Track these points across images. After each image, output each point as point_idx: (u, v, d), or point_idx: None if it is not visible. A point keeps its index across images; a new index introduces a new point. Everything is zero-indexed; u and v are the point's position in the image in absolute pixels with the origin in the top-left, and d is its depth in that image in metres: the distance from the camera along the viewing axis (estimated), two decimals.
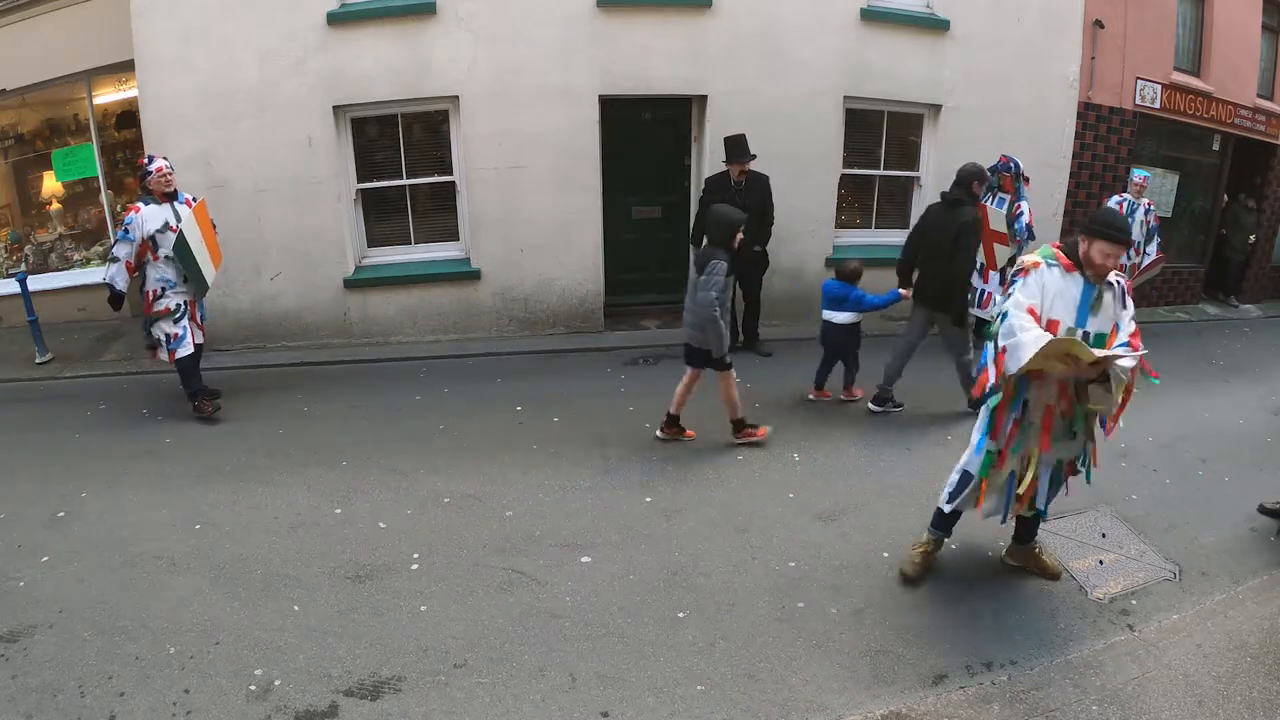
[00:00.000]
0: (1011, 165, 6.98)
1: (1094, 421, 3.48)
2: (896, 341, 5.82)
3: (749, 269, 6.67)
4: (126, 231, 5.30)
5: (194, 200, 5.53)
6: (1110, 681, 3.26)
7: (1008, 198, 6.99)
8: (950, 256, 5.35)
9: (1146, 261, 7.84)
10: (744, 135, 6.34)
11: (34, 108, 7.84)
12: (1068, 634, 3.56)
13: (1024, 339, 3.11)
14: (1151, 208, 7.87)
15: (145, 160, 5.43)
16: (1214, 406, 6.37)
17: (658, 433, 5.31)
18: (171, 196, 5.39)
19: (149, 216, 5.29)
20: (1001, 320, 3.25)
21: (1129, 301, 3.34)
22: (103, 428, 5.52)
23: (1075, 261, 3.27)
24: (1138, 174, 7.86)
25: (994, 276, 6.72)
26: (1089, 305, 3.26)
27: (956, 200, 5.50)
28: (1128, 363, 3.10)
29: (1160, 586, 3.94)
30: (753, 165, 6.41)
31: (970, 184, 5.54)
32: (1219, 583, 3.97)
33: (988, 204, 7.14)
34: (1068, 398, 3.42)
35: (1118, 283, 3.33)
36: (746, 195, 6.37)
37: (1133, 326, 3.28)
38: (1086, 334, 3.26)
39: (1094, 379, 3.22)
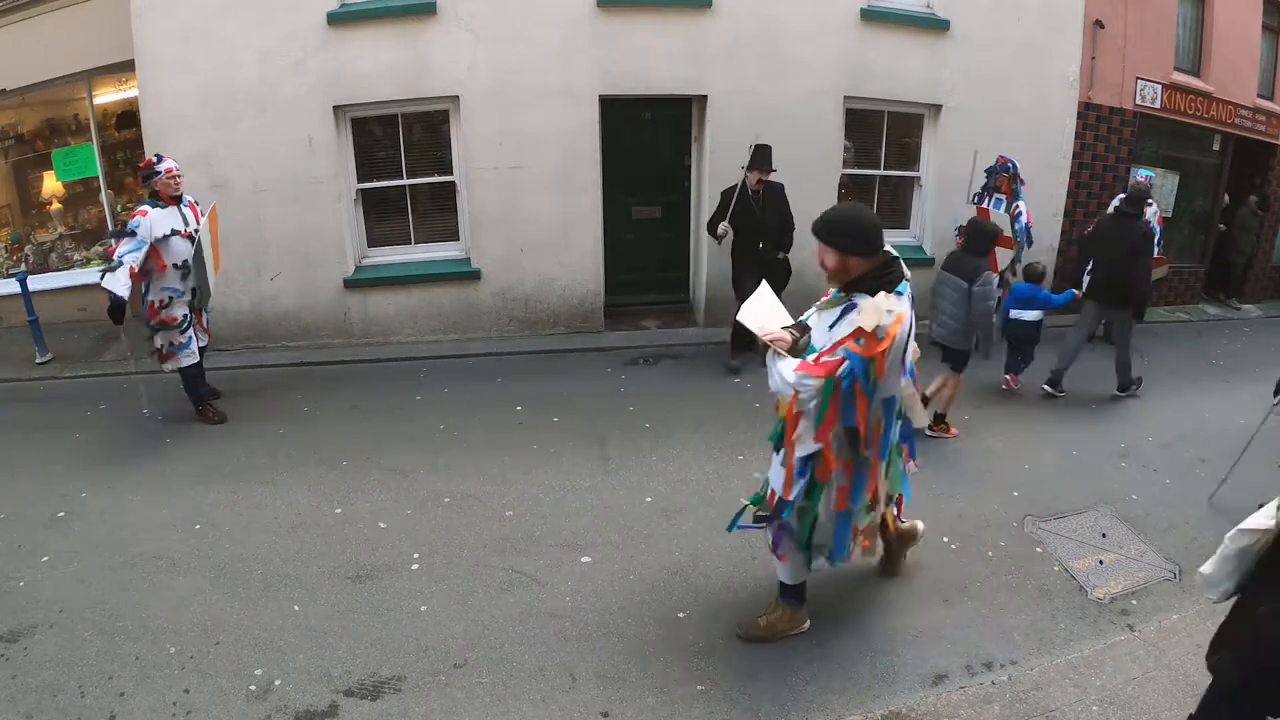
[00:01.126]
0: (1009, 166, 6.99)
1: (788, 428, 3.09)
2: (1070, 336, 6.49)
3: (772, 277, 6.60)
4: (134, 235, 4.98)
5: (199, 204, 5.37)
6: (1110, 681, 3.27)
7: (1004, 199, 7.00)
8: (1126, 262, 6.06)
9: None
10: (770, 146, 6.25)
11: (34, 108, 7.84)
12: (1068, 634, 3.56)
13: None
14: (1155, 209, 7.86)
15: (153, 160, 5.16)
16: (1214, 406, 6.37)
17: (927, 430, 5.43)
18: (178, 199, 5.19)
19: (157, 220, 5.05)
20: None
21: (846, 329, 2.90)
22: (103, 428, 5.52)
23: None
24: (1140, 173, 7.86)
25: (994, 279, 6.72)
26: (820, 306, 3.13)
27: (1128, 214, 6.17)
28: (781, 369, 2.90)
29: (1160, 586, 3.94)
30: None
31: (1140, 201, 6.24)
32: None
33: (988, 206, 7.17)
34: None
35: (853, 305, 2.93)
36: (764, 203, 6.35)
37: (826, 348, 2.93)
38: (809, 334, 3.13)
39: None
